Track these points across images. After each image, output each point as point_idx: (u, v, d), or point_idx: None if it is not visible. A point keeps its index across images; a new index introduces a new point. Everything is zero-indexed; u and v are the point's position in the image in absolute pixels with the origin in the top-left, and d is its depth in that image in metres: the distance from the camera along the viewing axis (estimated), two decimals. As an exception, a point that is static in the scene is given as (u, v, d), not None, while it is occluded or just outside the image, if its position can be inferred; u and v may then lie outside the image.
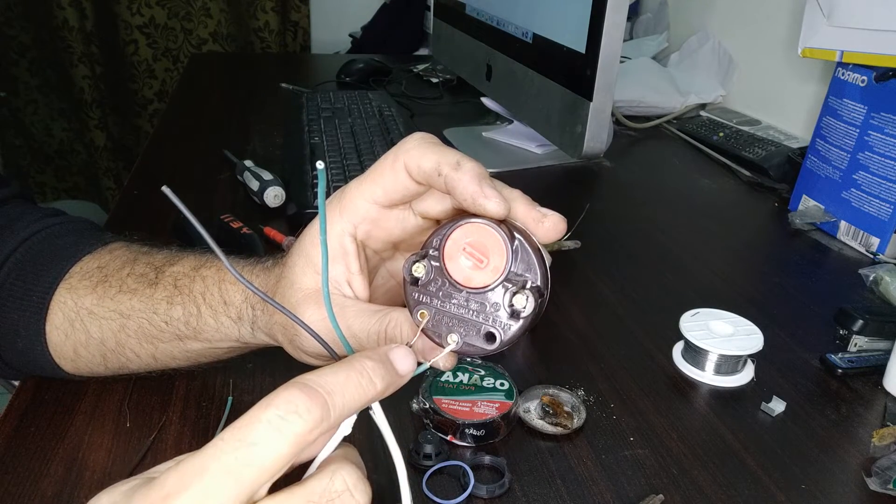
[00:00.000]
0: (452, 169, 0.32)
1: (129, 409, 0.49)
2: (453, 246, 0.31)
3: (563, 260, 0.74)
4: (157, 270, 0.45)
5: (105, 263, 0.47)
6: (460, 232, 0.31)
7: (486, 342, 0.32)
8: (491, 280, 0.31)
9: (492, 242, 0.31)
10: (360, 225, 0.36)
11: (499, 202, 0.31)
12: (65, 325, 0.46)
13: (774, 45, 1.17)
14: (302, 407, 0.23)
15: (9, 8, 1.97)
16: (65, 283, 0.46)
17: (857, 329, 0.60)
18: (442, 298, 0.32)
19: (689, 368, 0.57)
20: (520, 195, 0.34)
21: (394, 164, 0.34)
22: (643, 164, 1.10)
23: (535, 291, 0.31)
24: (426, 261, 0.32)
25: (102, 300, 0.45)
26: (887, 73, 0.77)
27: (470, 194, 0.31)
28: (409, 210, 0.37)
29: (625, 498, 0.44)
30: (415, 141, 0.34)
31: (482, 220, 0.31)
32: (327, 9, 2.14)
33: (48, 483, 0.43)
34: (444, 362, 0.34)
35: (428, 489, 0.44)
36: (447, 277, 0.32)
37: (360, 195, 0.36)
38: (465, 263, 0.31)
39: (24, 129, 2.13)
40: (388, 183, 0.35)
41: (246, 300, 0.41)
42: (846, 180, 0.82)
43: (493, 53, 1.08)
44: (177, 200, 0.24)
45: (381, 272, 0.40)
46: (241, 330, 0.42)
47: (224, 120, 1.17)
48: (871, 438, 0.50)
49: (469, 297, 0.32)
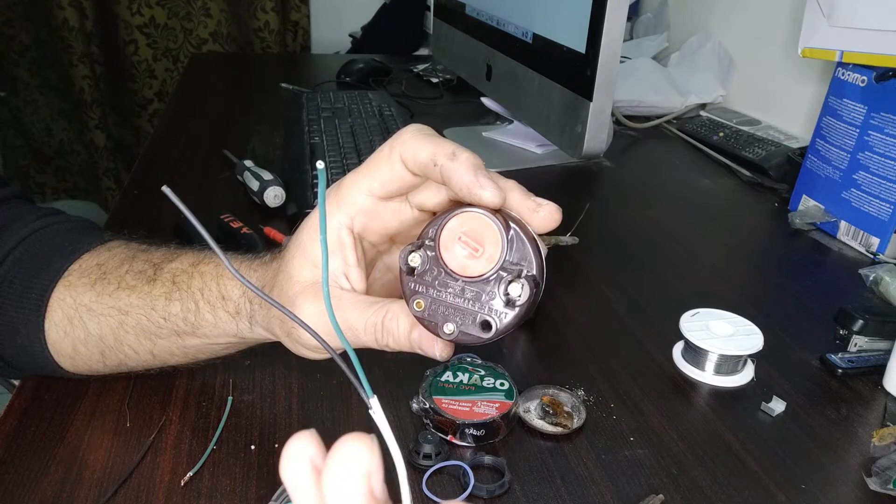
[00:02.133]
0: (448, 159, 0.32)
1: (129, 409, 0.49)
2: (449, 235, 0.32)
3: (563, 259, 0.74)
4: (155, 267, 0.45)
5: (104, 261, 0.47)
6: (456, 221, 0.31)
7: (482, 330, 0.32)
8: (486, 269, 0.31)
9: (487, 232, 0.31)
10: (356, 217, 0.36)
11: (494, 191, 0.31)
12: (64, 322, 0.46)
13: (774, 45, 1.17)
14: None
15: (9, 8, 1.97)
16: (63, 281, 0.46)
17: (857, 329, 0.60)
18: (438, 288, 0.32)
19: (689, 368, 0.57)
20: (515, 185, 0.34)
21: (390, 155, 0.34)
22: (643, 164, 1.10)
23: (531, 280, 0.31)
24: (422, 250, 0.32)
25: (101, 297, 0.45)
26: (887, 73, 0.77)
27: (465, 184, 0.31)
28: (406, 202, 0.37)
29: (625, 498, 0.44)
30: (410, 132, 0.34)
31: (478, 209, 0.31)
32: (327, 9, 2.14)
33: (48, 483, 0.43)
34: (440, 352, 0.34)
35: (428, 489, 0.44)
36: (443, 267, 0.32)
37: (356, 187, 0.36)
38: (460, 253, 0.31)
39: (24, 129, 2.13)
40: (384, 175, 0.35)
41: (244, 294, 0.41)
42: (846, 180, 0.82)
43: (493, 53, 1.08)
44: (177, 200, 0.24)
45: (379, 266, 0.41)
46: (240, 325, 0.42)
47: (224, 120, 1.17)
48: (871, 438, 0.50)
49: (465, 286, 0.32)
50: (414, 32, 1.84)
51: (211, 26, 2.07)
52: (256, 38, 2.07)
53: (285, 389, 0.52)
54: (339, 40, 2.01)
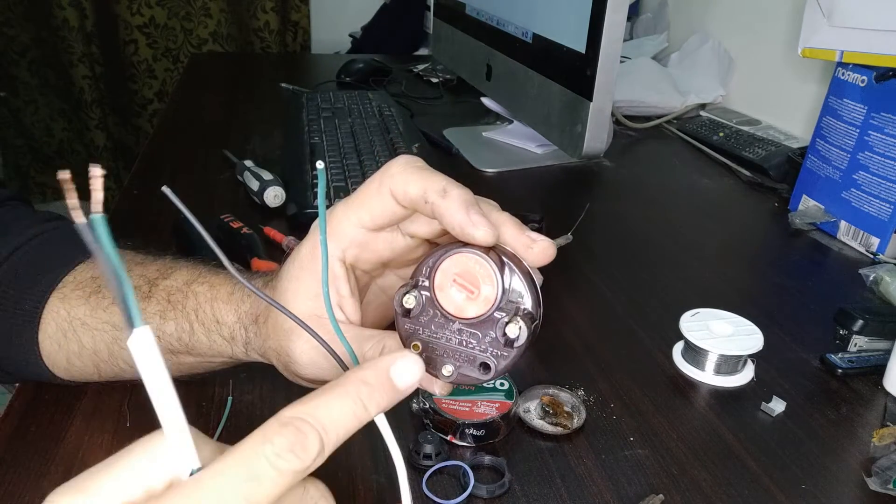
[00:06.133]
0: (439, 196, 0.32)
1: (129, 409, 0.49)
2: (443, 277, 0.31)
3: (563, 260, 0.74)
4: (150, 283, 0.44)
5: (98, 273, 0.46)
6: (449, 262, 0.31)
7: (481, 372, 0.32)
8: (482, 310, 0.31)
9: (482, 272, 0.31)
10: (348, 249, 0.36)
11: (487, 230, 0.31)
12: (58, 335, 0.45)
13: (774, 45, 1.17)
14: (299, 447, 0.23)
15: (9, 8, 1.97)
16: (58, 293, 0.46)
17: (857, 329, 0.60)
18: (434, 329, 0.32)
19: (689, 368, 0.57)
20: (508, 219, 0.33)
21: (379, 188, 0.34)
22: (643, 164, 1.10)
23: (528, 317, 0.31)
24: (416, 291, 0.32)
25: (95, 311, 0.44)
26: (887, 73, 0.77)
27: (458, 223, 0.31)
28: (398, 231, 0.36)
29: (625, 498, 0.44)
30: (399, 166, 0.34)
31: (470, 249, 0.31)
32: (327, 9, 2.14)
33: (48, 483, 0.43)
34: (439, 390, 0.33)
35: (428, 489, 0.44)
36: (438, 308, 0.31)
37: (347, 220, 0.35)
38: (455, 294, 0.31)
39: (24, 129, 2.13)
40: (374, 208, 0.34)
41: (238, 320, 0.41)
42: (846, 180, 0.82)
43: (493, 53, 1.08)
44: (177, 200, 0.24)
45: (373, 288, 0.40)
46: (235, 349, 0.42)
47: (224, 120, 1.17)
48: (871, 438, 0.50)
49: (461, 327, 0.31)
50: (414, 32, 1.84)
51: (211, 26, 2.07)
52: (256, 38, 2.07)
53: (285, 390, 0.51)
54: (339, 40, 2.01)
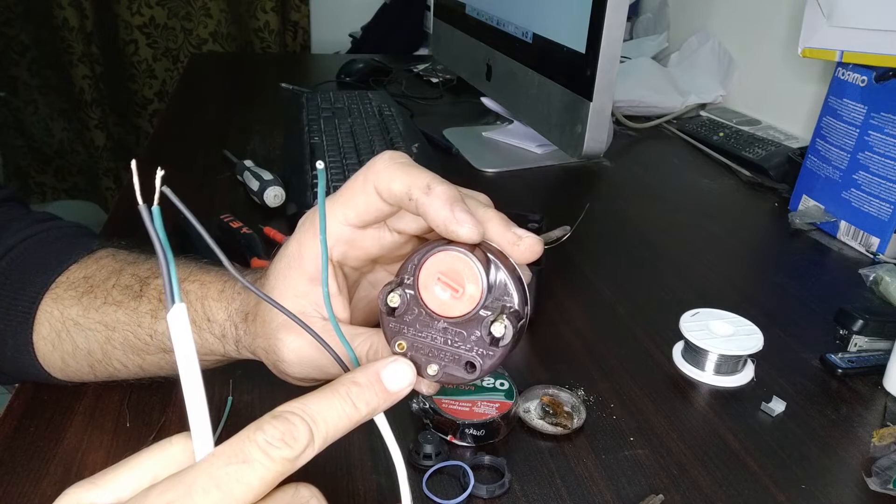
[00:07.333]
0: (423, 192, 0.31)
1: (129, 409, 0.49)
2: (427, 275, 0.31)
3: (563, 259, 0.74)
4: (142, 283, 0.44)
5: (91, 273, 0.46)
6: (433, 261, 0.30)
7: (467, 371, 0.31)
8: (467, 309, 0.30)
9: (466, 271, 0.30)
10: (335, 247, 0.35)
11: (471, 228, 0.30)
12: (51, 335, 0.45)
13: (774, 45, 1.17)
14: (289, 435, 0.24)
15: (9, 8, 1.97)
16: (51, 293, 0.46)
17: (857, 329, 0.60)
18: (419, 328, 0.31)
19: (689, 368, 0.57)
20: (495, 215, 0.33)
21: (364, 185, 0.33)
22: (643, 164, 1.10)
23: (513, 316, 0.30)
24: (401, 289, 0.31)
25: (88, 311, 0.44)
26: (887, 73, 0.77)
27: (441, 220, 0.31)
28: (385, 227, 0.36)
29: (625, 498, 0.44)
30: (384, 162, 0.33)
31: (455, 247, 0.30)
32: (327, 9, 2.14)
33: (48, 483, 0.43)
34: (426, 389, 0.33)
35: (428, 489, 0.44)
36: (423, 307, 0.31)
37: (332, 217, 0.35)
38: (440, 292, 0.30)
39: (24, 129, 2.13)
40: (359, 205, 0.34)
41: (229, 318, 0.41)
42: (846, 180, 0.82)
43: (493, 53, 1.08)
44: (177, 200, 0.24)
45: (363, 284, 0.40)
46: (227, 347, 0.41)
47: (224, 120, 1.17)
48: (871, 438, 0.50)
49: (447, 326, 0.31)
50: (414, 32, 1.84)
51: (211, 26, 2.07)
52: (256, 38, 2.07)
53: (285, 390, 0.51)
54: (339, 40, 2.01)
